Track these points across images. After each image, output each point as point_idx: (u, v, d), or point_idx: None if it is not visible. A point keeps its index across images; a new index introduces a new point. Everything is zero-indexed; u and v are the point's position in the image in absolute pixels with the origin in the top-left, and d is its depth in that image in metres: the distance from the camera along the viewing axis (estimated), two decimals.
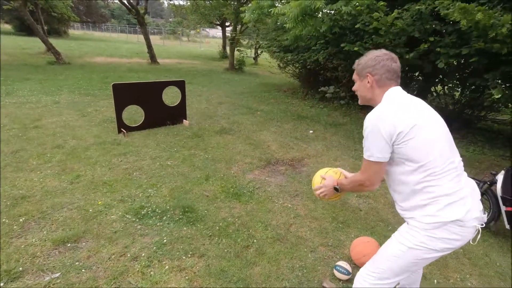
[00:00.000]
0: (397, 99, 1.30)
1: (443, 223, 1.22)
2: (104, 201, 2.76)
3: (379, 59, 1.32)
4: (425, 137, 1.22)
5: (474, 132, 5.83)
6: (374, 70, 1.33)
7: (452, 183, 1.24)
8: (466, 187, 1.29)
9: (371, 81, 1.35)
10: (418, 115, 1.25)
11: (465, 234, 1.25)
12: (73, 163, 3.45)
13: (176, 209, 2.72)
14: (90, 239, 2.26)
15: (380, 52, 1.35)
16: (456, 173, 1.27)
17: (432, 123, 1.27)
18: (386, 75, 1.32)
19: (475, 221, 1.25)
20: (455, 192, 1.24)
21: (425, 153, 1.22)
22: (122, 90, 4.36)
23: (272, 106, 7.18)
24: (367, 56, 1.37)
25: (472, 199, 1.27)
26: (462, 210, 1.22)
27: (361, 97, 1.45)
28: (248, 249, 2.30)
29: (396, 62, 1.34)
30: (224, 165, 3.76)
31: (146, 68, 11.81)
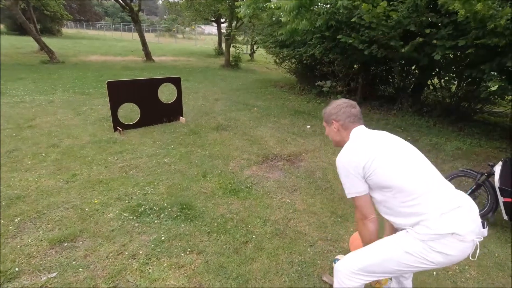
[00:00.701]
0: (359, 137, 1.47)
1: (440, 235, 1.22)
2: (100, 199, 2.73)
3: (340, 107, 1.54)
4: (390, 165, 1.33)
5: (471, 125, 5.84)
6: (338, 117, 1.53)
7: (439, 198, 1.28)
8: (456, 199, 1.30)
9: (337, 126, 1.55)
10: (378, 147, 1.38)
11: (462, 250, 1.24)
12: (69, 162, 3.41)
13: (173, 206, 2.70)
14: (87, 238, 2.24)
15: (341, 101, 1.57)
16: (440, 189, 1.31)
17: (395, 151, 1.38)
18: (348, 119, 1.52)
19: (472, 235, 1.23)
20: (445, 204, 1.26)
21: (395, 178, 1.31)
22: (117, 87, 4.31)
23: (269, 102, 7.16)
24: (330, 106, 1.59)
25: (469, 212, 1.27)
26: (458, 223, 1.23)
27: (333, 140, 1.64)
28: (247, 245, 2.29)
29: (355, 107, 1.54)
30: (222, 161, 3.74)
31: (142, 66, 11.71)
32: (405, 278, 1.76)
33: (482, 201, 2.94)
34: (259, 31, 9.79)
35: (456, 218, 1.23)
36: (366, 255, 1.41)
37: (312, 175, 3.53)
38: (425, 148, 4.55)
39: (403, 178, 1.31)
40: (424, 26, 4.63)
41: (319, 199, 3.02)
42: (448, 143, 4.84)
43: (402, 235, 1.34)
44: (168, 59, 15.16)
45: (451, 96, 6.31)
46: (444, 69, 5.88)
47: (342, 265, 1.45)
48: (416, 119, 6.01)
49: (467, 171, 2.92)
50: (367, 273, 1.39)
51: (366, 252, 1.43)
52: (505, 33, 3.44)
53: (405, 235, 1.32)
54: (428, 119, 5.99)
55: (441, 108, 6.21)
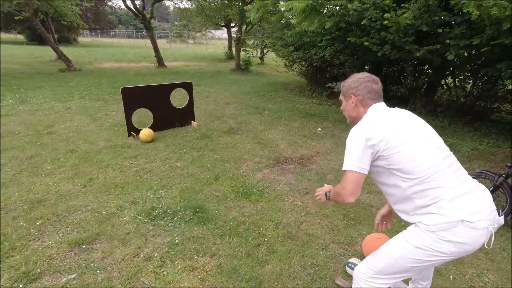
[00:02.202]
0: (378, 113, 1.37)
1: (449, 223, 1.18)
2: (116, 203, 2.81)
3: (361, 81, 1.43)
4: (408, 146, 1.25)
5: (487, 125, 5.68)
6: (357, 91, 1.42)
7: (448, 181, 1.23)
8: (468, 183, 1.26)
9: (355, 101, 1.44)
10: (398, 125, 1.30)
11: (476, 237, 1.19)
12: (86, 167, 3.52)
13: (187, 210, 2.75)
14: (104, 241, 2.31)
15: (362, 75, 1.46)
16: (451, 172, 1.26)
17: (415, 132, 1.30)
18: (368, 95, 1.41)
19: (486, 222, 1.19)
20: (454, 188, 1.21)
21: (413, 162, 1.23)
22: (131, 93, 4.43)
23: (279, 105, 7.17)
24: (351, 78, 1.48)
25: (479, 198, 1.23)
26: (469, 208, 1.18)
27: (348, 116, 1.54)
28: (259, 248, 2.31)
29: (377, 83, 1.44)
30: (233, 164, 3.78)
31: (154, 72, 11.95)
32: (422, 286, 1.72)
33: (501, 203, 2.86)
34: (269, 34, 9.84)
35: (466, 204, 1.19)
36: (380, 258, 1.41)
37: (323, 178, 3.52)
38: None
39: (419, 161, 1.23)
40: (437, 25, 4.56)
41: (331, 202, 3.00)
42: (464, 144, 4.73)
43: (410, 231, 1.31)
44: (180, 64, 15.42)
45: (466, 95, 6.15)
46: (458, 68, 5.75)
47: (359, 271, 1.46)
48: (430, 119, 5.88)
49: (484, 172, 2.85)
50: (384, 275, 1.37)
51: (379, 254, 1.42)
52: None
53: (413, 229, 1.29)
54: (443, 119, 5.86)
55: (455, 108, 6.06)
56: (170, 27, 51.05)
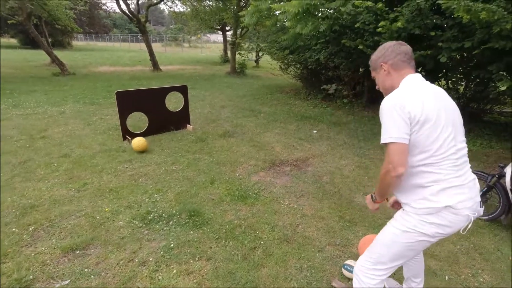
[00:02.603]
0: (413, 86, 1.32)
1: (435, 208, 1.25)
2: (111, 207, 2.78)
3: (387, 47, 1.40)
4: (433, 129, 1.24)
5: (480, 126, 5.75)
6: (385, 58, 1.39)
7: (449, 170, 1.26)
8: (465, 176, 1.31)
9: (386, 68, 1.39)
10: (432, 104, 1.25)
11: (456, 222, 1.27)
12: (80, 171, 3.48)
13: (182, 213, 2.73)
14: (98, 246, 2.28)
15: (387, 43, 1.43)
16: (456, 161, 1.29)
17: (443, 113, 1.27)
18: (399, 57, 1.36)
19: (468, 210, 1.26)
20: (451, 179, 1.26)
21: (428, 143, 1.25)
22: (125, 97, 4.41)
23: (275, 108, 7.19)
24: (376, 50, 1.46)
25: (469, 190, 1.29)
26: (456, 198, 1.25)
27: (383, 89, 1.47)
28: (255, 251, 2.30)
29: (404, 45, 1.39)
30: (229, 168, 3.77)
31: (149, 75, 11.92)
32: (415, 283, 1.75)
33: (494, 203, 2.89)
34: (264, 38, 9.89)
35: (456, 193, 1.25)
36: (373, 248, 1.48)
37: (319, 180, 3.53)
38: None
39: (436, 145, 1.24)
40: (429, 28, 4.62)
41: (327, 204, 3.01)
42: None
43: (397, 217, 1.40)
44: (175, 68, 15.41)
45: (459, 97, 6.23)
46: (451, 70, 5.83)
47: (358, 266, 1.53)
48: None
49: (477, 173, 2.87)
50: (382, 264, 1.44)
51: (373, 245, 1.50)
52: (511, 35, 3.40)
53: (400, 215, 1.38)
54: None
55: None
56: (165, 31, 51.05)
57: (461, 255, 2.37)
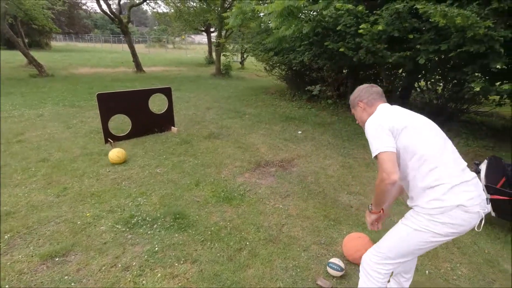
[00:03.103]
0: (387, 108, 1.54)
1: (446, 208, 1.30)
2: (92, 212, 2.71)
3: (361, 89, 1.66)
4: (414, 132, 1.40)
5: (458, 125, 5.98)
6: (361, 97, 1.64)
7: (453, 169, 1.35)
8: (468, 174, 1.39)
9: (362, 105, 1.63)
10: (407, 116, 1.47)
11: (469, 220, 1.31)
12: (59, 176, 3.38)
13: (166, 216, 2.70)
14: (79, 252, 2.21)
15: (361, 86, 1.69)
16: (455, 162, 1.39)
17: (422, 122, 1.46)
18: (372, 96, 1.61)
19: (478, 207, 1.31)
20: (457, 176, 1.33)
21: (417, 144, 1.38)
22: (107, 99, 4.31)
23: (260, 109, 7.22)
24: (353, 92, 1.70)
25: (475, 187, 1.35)
26: (465, 196, 1.30)
27: (361, 122, 1.67)
28: (241, 252, 2.30)
29: (375, 87, 1.64)
30: (214, 169, 3.75)
31: (132, 77, 11.70)
32: (405, 279, 1.79)
33: None
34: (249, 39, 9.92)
35: (463, 191, 1.30)
36: (383, 244, 1.54)
37: (304, 180, 3.56)
38: None
39: (429, 146, 1.37)
40: (408, 31, 4.77)
41: (312, 204, 3.04)
42: None
43: (408, 216, 1.45)
44: (159, 69, 15.19)
45: (438, 97, 6.46)
46: (429, 71, 6.04)
47: (365, 260, 1.59)
48: None
49: None
50: (390, 259, 1.50)
51: (383, 241, 1.55)
52: (484, 40, 3.56)
53: (411, 214, 1.43)
54: None
55: (429, 109, 6.34)
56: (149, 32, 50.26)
57: (440, 249, 2.45)
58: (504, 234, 2.71)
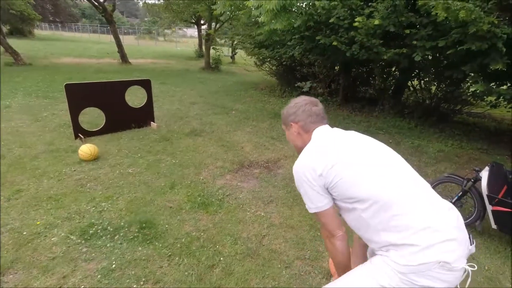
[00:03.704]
0: (320, 138, 1.24)
1: (423, 265, 0.96)
2: (45, 220, 2.36)
3: (298, 105, 1.30)
4: (358, 171, 1.09)
5: (451, 126, 5.80)
6: (297, 117, 1.30)
7: (416, 207, 1.02)
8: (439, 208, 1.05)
9: (296, 129, 1.31)
10: (342, 149, 1.16)
11: (451, 280, 0.99)
12: (15, 176, 2.99)
13: (132, 225, 2.37)
14: (20, 270, 1.87)
15: (300, 99, 1.33)
16: (426, 203, 1.05)
17: (365, 155, 1.14)
18: (309, 119, 1.28)
19: (463, 261, 1.00)
20: (425, 217, 1.01)
21: (366, 187, 1.07)
22: (77, 91, 3.92)
23: (248, 105, 6.89)
24: (288, 105, 1.35)
25: (458, 231, 1.03)
26: (447, 248, 0.97)
27: (294, 146, 1.39)
28: (213, 270, 1.99)
29: (317, 105, 1.31)
30: (193, 170, 3.43)
31: (117, 69, 11.18)
32: None
33: (469, 208, 2.78)
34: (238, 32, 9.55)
35: (441, 239, 0.98)
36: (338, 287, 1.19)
37: (290, 184, 3.27)
38: (407, 151, 4.40)
39: (375, 188, 1.05)
40: (404, 26, 4.51)
41: (297, 211, 2.76)
42: (430, 145, 4.73)
43: (378, 265, 1.07)
44: (147, 61, 14.66)
45: (431, 97, 6.26)
46: (424, 70, 5.82)
47: None
48: (397, 120, 5.90)
49: (452, 177, 2.75)
50: None
51: (339, 283, 1.20)
52: (486, 37, 3.32)
53: (381, 265, 1.06)
54: (410, 120, 5.90)
55: (422, 109, 6.14)
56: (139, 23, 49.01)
57: None
58: (503, 248, 2.48)
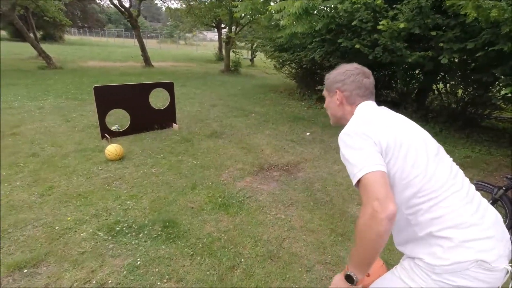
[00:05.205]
0: (369, 111, 1.11)
1: (459, 265, 0.88)
2: (75, 216, 2.47)
3: (349, 73, 1.16)
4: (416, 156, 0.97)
5: (478, 131, 5.55)
6: (344, 86, 1.16)
7: (465, 208, 0.94)
8: (487, 212, 0.97)
9: (340, 98, 1.18)
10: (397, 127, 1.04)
11: (490, 281, 0.91)
12: (48, 173, 3.16)
13: (155, 224, 2.43)
14: (52, 263, 1.97)
15: (351, 66, 1.18)
16: (468, 195, 0.97)
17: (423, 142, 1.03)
18: (357, 92, 1.14)
19: (504, 261, 0.92)
20: (472, 218, 0.92)
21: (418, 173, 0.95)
22: (105, 93, 4.09)
23: (267, 108, 6.91)
24: (337, 70, 1.21)
25: (496, 232, 0.95)
26: (486, 246, 0.90)
27: (331, 115, 1.27)
28: (234, 271, 2.02)
29: (369, 78, 1.17)
30: (213, 171, 3.48)
31: (140, 72, 11.55)
32: None
33: None
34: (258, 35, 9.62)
35: (483, 239, 0.91)
36: None
37: (310, 187, 3.25)
38: None
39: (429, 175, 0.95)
40: (429, 28, 4.39)
41: (318, 215, 2.74)
42: (456, 151, 4.55)
43: (408, 269, 0.99)
44: (168, 64, 15.03)
45: (457, 101, 6.02)
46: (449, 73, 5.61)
47: None
48: (421, 125, 5.56)
49: (482, 184, 2.63)
50: None
51: None
52: None
53: (412, 268, 0.98)
54: (434, 125, 5.70)
55: (447, 113, 5.92)
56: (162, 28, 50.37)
57: None
58: None
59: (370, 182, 0.90)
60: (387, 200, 0.85)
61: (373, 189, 0.88)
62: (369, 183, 0.90)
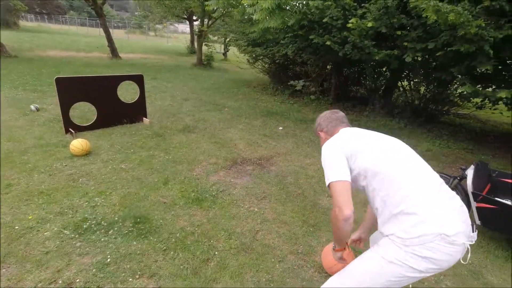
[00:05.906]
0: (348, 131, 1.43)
1: (425, 238, 1.08)
2: (37, 214, 2.33)
3: (322, 117, 1.58)
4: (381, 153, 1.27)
5: (438, 126, 5.97)
6: (321, 126, 1.57)
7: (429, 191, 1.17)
8: (449, 196, 1.18)
9: (323, 135, 1.55)
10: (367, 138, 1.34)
11: (452, 253, 1.10)
12: (4, 171, 2.94)
13: (126, 220, 2.37)
14: (13, 264, 1.85)
15: (324, 112, 1.60)
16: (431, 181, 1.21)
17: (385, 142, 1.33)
18: (331, 124, 1.52)
19: (463, 237, 1.10)
20: (435, 199, 1.14)
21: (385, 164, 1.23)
22: (68, 84, 3.86)
23: (240, 102, 6.90)
24: (316, 119, 1.62)
25: (459, 213, 1.15)
26: (447, 223, 1.09)
27: None
28: (208, 263, 2.02)
29: (337, 113, 1.55)
30: (186, 166, 3.43)
31: (106, 63, 10.99)
32: None
33: None
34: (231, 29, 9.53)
35: (445, 217, 1.11)
36: (351, 275, 1.27)
37: (283, 180, 3.32)
38: None
39: (395, 165, 1.22)
40: (395, 28, 4.61)
41: (290, 207, 2.81)
42: (419, 145, 4.86)
43: (383, 245, 1.21)
44: (137, 56, 14.45)
45: (420, 98, 6.42)
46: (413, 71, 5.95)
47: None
48: (387, 120, 6.04)
49: (440, 175, 2.84)
50: None
51: (350, 272, 1.29)
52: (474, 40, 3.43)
53: (386, 243, 1.19)
54: (399, 120, 6.04)
55: (411, 109, 6.29)
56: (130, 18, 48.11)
57: None
58: (486, 243, 2.60)
59: (336, 189, 1.20)
60: (344, 208, 1.15)
61: (336, 197, 1.19)
62: (335, 190, 1.20)
